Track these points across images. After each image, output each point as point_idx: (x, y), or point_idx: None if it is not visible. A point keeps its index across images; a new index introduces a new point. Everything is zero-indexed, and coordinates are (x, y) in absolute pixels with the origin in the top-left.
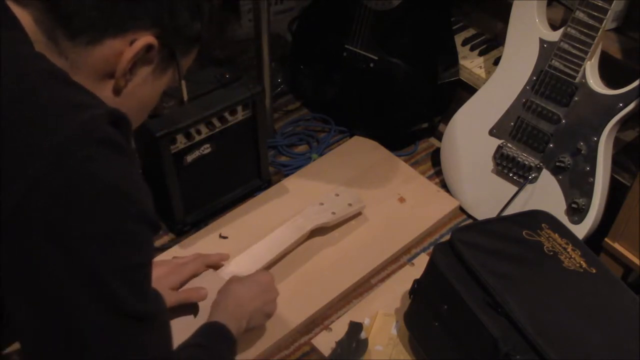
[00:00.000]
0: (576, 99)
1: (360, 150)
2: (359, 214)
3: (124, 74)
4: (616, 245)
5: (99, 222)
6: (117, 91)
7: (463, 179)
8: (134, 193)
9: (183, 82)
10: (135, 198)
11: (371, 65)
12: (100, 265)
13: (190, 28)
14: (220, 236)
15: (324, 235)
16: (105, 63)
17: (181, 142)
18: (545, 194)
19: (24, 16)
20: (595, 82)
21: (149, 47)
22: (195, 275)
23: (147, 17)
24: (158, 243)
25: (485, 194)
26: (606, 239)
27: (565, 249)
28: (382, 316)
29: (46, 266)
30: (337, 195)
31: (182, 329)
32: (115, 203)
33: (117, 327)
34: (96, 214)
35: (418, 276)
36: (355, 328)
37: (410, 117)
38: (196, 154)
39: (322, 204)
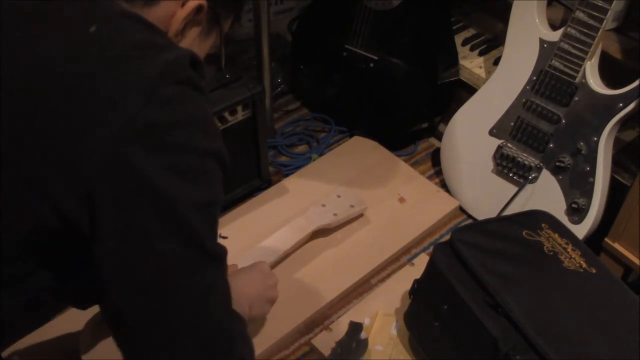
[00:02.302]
0: (576, 99)
1: (360, 150)
2: (360, 215)
3: (176, 34)
4: (616, 245)
5: (185, 157)
6: None
7: (463, 179)
8: (214, 131)
9: (223, 47)
10: (215, 136)
11: (371, 65)
12: (181, 199)
13: None
14: (220, 236)
15: (325, 237)
16: (160, 23)
17: None
18: (545, 194)
19: None
20: (595, 82)
21: (199, 9)
22: None
23: None
24: None
25: (485, 194)
26: (606, 239)
27: (565, 249)
28: (382, 316)
29: (130, 201)
30: (339, 196)
31: None
32: (200, 140)
33: (194, 259)
34: (182, 150)
35: (418, 276)
36: (355, 328)
37: (410, 117)
38: None
39: (324, 205)
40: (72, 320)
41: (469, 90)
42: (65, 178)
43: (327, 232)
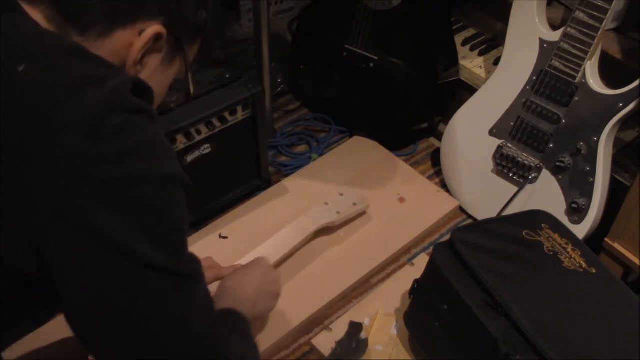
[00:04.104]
0: (576, 99)
1: (360, 150)
2: (363, 213)
3: (134, 64)
4: (616, 245)
5: (140, 188)
6: None
7: (463, 179)
8: (168, 154)
9: (190, 74)
10: (170, 159)
11: (371, 65)
12: (139, 242)
13: (195, 16)
14: (220, 236)
15: (328, 235)
16: (116, 55)
17: (181, 142)
18: (545, 194)
19: (36, 15)
20: (595, 82)
21: (157, 37)
22: None
23: (155, 6)
24: None
25: (485, 194)
26: (606, 239)
27: (565, 249)
28: (382, 316)
29: (85, 254)
30: (342, 194)
31: None
32: (154, 166)
33: (166, 287)
34: (135, 181)
35: (418, 276)
36: (355, 328)
37: (410, 117)
38: (196, 154)
39: (326, 203)
40: None
41: (469, 90)
42: (11, 233)
43: (329, 230)
